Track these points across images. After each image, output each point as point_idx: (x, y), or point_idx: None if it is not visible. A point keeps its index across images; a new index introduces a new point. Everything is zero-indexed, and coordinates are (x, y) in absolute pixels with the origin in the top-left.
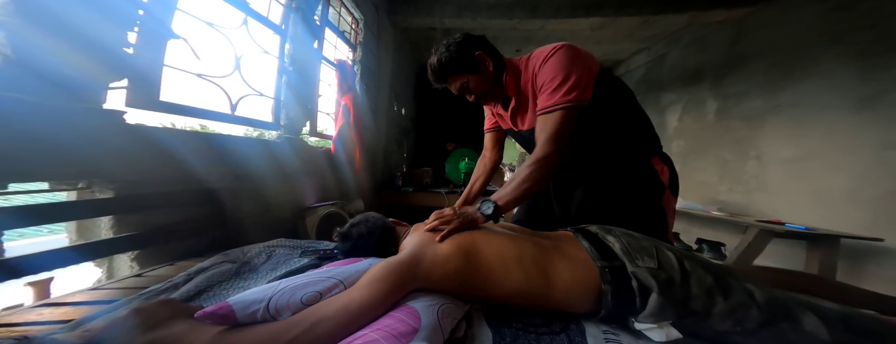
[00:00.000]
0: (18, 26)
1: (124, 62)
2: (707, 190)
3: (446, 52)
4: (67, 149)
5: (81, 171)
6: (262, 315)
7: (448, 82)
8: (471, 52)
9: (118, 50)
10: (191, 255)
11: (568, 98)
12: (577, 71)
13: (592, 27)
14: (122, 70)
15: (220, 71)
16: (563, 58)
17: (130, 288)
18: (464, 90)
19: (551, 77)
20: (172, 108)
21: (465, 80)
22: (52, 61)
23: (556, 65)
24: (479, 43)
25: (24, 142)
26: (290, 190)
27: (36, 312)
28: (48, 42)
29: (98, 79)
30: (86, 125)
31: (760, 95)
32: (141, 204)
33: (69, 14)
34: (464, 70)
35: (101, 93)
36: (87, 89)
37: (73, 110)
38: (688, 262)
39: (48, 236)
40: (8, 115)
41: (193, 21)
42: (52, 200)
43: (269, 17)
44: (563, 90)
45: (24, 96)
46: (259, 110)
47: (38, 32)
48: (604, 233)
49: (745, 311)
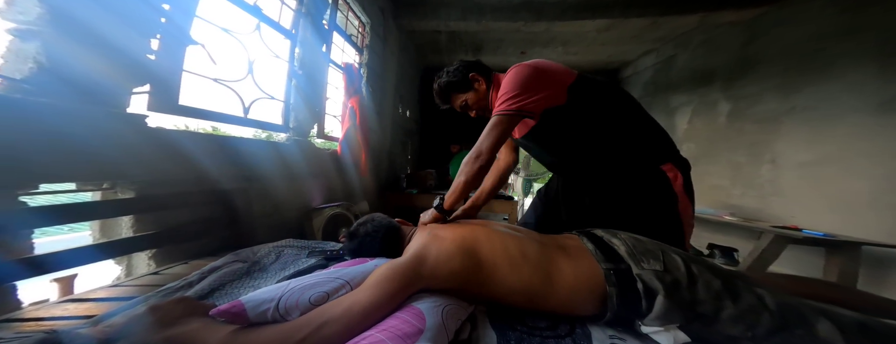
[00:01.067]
0: (52, 36)
1: (147, 68)
2: (719, 194)
3: (445, 77)
4: (94, 151)
5: (106, 172)
6: (272, 314)
7: (451, 102)
8: (465, 75)
9: (141, 57)
10: (204, 254)
11: (510, 107)
12: (525, 87)
13: (598, 29)
14: (144, 76)
15: (234, 75)
16: (514, 75)
17: (148, 285)
18: (464, 107)
19: (501, 92)
20: (191, 112)
21: (463, 98)
22: (81, 68)
23: (508, 82)
24: (472, 66)
25: (55, 144)
26: (298, 191)
27: (61, 308)
28: (78, 50)
29: (123, 84)
30: (111, 128)
31: (775, 97)
32: (159, 204)
33: (97, 23)
34: (460, 90)
35: (125, 98)
36: (112, 94)
37: (100, 114)
38: (695, 265)
39: (68, 234)
40: (40, 118)
41: (210, 27)
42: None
43: (281, 22)
44: (508, 102)
45: (55, 101)
46: (270, 113)
47: (69, 41)
48: (609, 236)
49: (756, 315)
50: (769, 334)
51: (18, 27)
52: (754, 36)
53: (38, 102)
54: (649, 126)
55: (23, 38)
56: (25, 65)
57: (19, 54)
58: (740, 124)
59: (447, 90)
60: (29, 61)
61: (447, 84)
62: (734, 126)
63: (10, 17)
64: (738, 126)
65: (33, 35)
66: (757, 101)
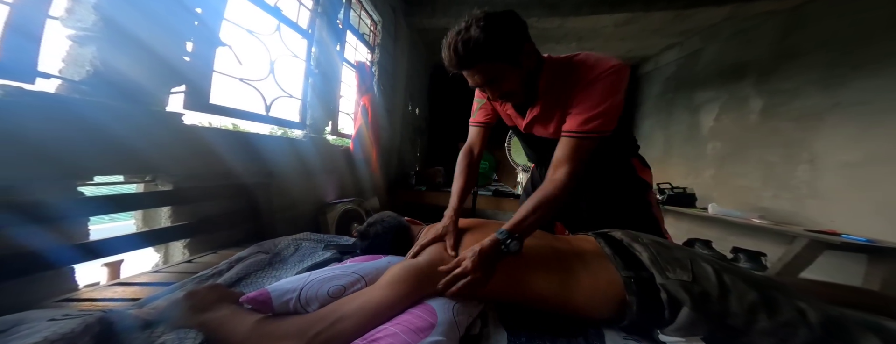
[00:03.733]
0: (105, 41)
1: (182, 69)
2: (748, 196)
3: (483, 33)
4: (138, 146)
5: (148, 166)
6: (294, 304)
7: (474, 68)
8: (519, 40)
9: (178, 58)
10: (230, 244)
11: (601, 129)
12: (618, 102)
13: (617, 23)
14: (180, 76)
15: (257, 75)
16: (612, 84)
17: (183, 272)
18: (491, 83)
19: (595, 102)
20: (220, 110)
21: (500, 71)
22: (127, 70)
23: (604, 90)
24: (525, 31)
25: (106, 140)
26: (313, 186)
27: (111, 290)
28: (125, 54)
29: (162, 85)
30: (152, 126)
31: (817, 92)
32: (193, 196)
33: (140, 28)
34: (504, 59)
35: (164, 97)
36: (154, 94)
37: (143, 113)
38: (728, 275)
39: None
40: (94, 117)
41: (235, 29)
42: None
43: (299, 22)
44: (601, 120)
45: (106, 101)
46: (288, 111)
47: (118, 46)
48: (630, 240)
49: (793, 330)
50: None
51: (77, 33)
52: (794, 26)
53: (93, 102)
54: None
55: (81, 44)
56: (83, 68)
57: (78, 58)
58: (775, 122)
59: (484, 52)
60: (86, 65)
61: (488, 44)
62: (767, 124)
63: (69, 24)
64: (772, 124)
65: (90, 40)
66: (794, 97)
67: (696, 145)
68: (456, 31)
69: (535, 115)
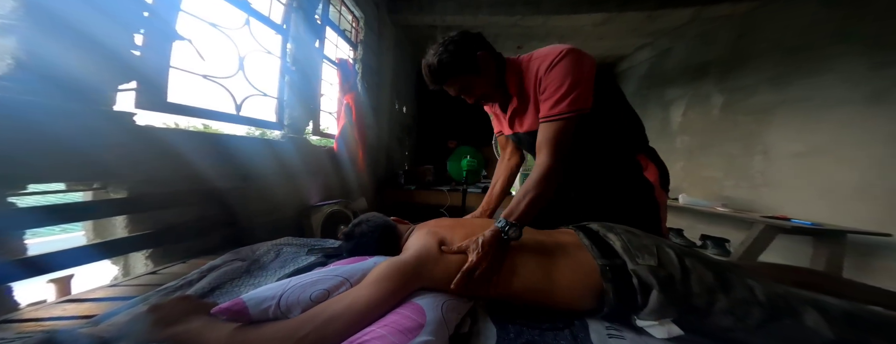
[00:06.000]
0: (28, 30)
1: (132, 64)
2: (712, 185)
3: (445, 53)
4: (81, 150)
5: (96, 171)
6: (274, 312)
7: (447, 84)
8: (472, 53)
9: (125, 52)
10: (202, 253)
11: (572, 108)
12: (583, 79)
13: (595, 23)
14: (130, 72)
15: (224, 72)
16: (569, 65)
17: (147, 285)
18: (464, 92)
19: (557, 85)
20: (180, 110)
21: (465, 81)
22: (62, 64)
23: (562, 72)
24: (479, 42)
25: (41, 143)
26: (295, 189)
27: (60, 308)
28: (57, 45)
29: (107, 81)
30: (98, 127)
31: (768, 90)
32: (153, 204)
33: (75, 17)
34: (465, 72)
35: (110, 95)
36: (97, 92)
37: (85, 112)
38: (688, 259)
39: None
40: (23, 116)
41: (197, 22)
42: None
43: (271, 16)
44: (568, 100)
45: (38, 99)
46: (263, 110)
47: (46, 36)
48: (605, 230)
49: (747, 307)
50: (759, 325)
51: None
52: (747, 29)
53: (20, 100)
54: (630, 117)
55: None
56: (2, 61)
57: None
58: (733, 117)
59: (446, 70)
60: (6, 57)
61: (448, 63)
62: (728, 118)
63: None
64: (732, 118)
65: (8, 30)
66: (750, 94)
67: (667, 139)
68: (424, 59)
69: (513, 109)
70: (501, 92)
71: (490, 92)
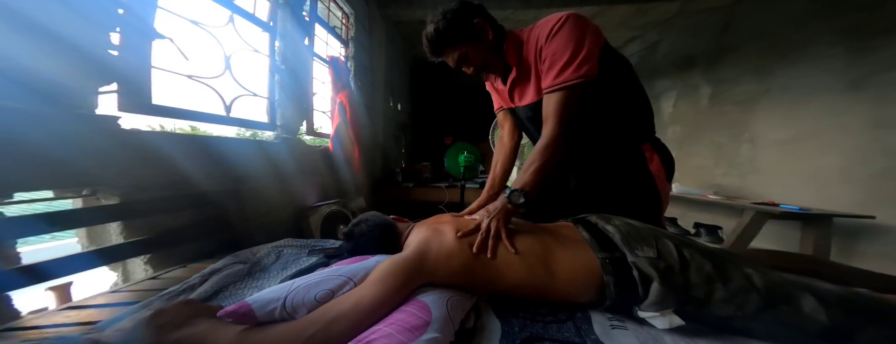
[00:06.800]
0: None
1: (110, 65)
2: (703, 174)
3: (443, 21)
4: (65, 156)
5: (83, 178)
6: (280, 313)
7: (445, 54)
8: (469, 20)
9: (102, 52)
10: (201, 257)
11: (577, 74)
12: (586, 44)
13: None
14: (109, 73)
15: (210, 71)
16: (571, 30)
17: (148, 290)
18: (462, 61)
19: (559, 51)
20: (166, 112)
21: (463, 50)
22: (35, 66)
23: (565, 38)
24: (477, 10)
25: (20, 150)
26: (291, 190)
27: (62, 315)
28: (28, 46)
29: (85, 83)
30: (80, 132)
31: (753, 79)
32: (146, 209)
33: (44, 15)
34: (462, 40)
35: (91, 98)
36: (76, 95)
37: (66, 117)
38: (686, 250)
39: (51, 243)
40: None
41: (177, 20)
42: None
43: (256, 13)
44: (572, 67)
45: (11, 103)
46: (254, 111)
47: (17, 36)
48: (603, 223)
49: (745, 296)
50: (757, 313)
51: None
52: (732, 21)
53: None
54: (641, 103)
55: None
56: None
57: None
58: (721, 106)
59: (444, 38)
60: None
61: (445, 30)
62: (715, 108)
63: None
64: (719, 108)
65: None
66: (736, 84)
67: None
68: (424, 31)
69: (513, 80)
70: (500, 61)
71: (489, 61)
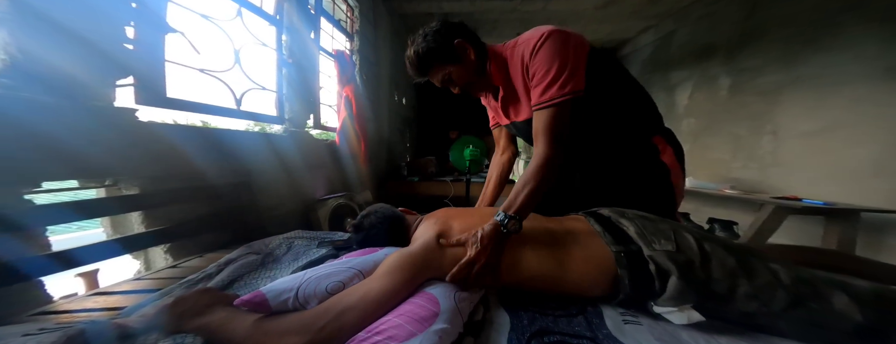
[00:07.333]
0: (19, 25)
1: (126, 58)
2: (719, 168)
3: (423, 43)
4: (85, 147)
5: (104, 168)
6: (293, 303)
7: (429, 75)
8: (450, 41)
9: (118, 46)
10: (217, 247)
11: (563, 92)
12: (570, 60)
13: (596, 6)
14: (125, 67)
15: (220, 65)
16: (553, 47)
17: (168, 278)
18: (447, 82)
19: (544, 70)
20: (181, 105)
21: (446, 71)
22: (56, 60)
23: (547, 55)
24: (457, 30)
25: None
26: (300, 183)
27: (91, 300)
28: (47, 40)
29: (104, 77)
30: (100, 124)
31: (778, 68)
32: (165, 199)
33: (63, 11)
34: (444, 60)
35: (108, 91)
36: (95, 87)
37: (86, 109)
38: (708, 243)
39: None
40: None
41: (187, 14)
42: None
43: (263, 7)
44: (558, 84)
45: (36, 96)
46: (263, 104)
47: (38, 31)
48: (617, 216)
49: (772, 292)
50: (785, 310)
51: None
52: (756, 8)
53: (18, 98)
54: (640, 98)
55: None
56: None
57: None
58: (741, 97)
59: (426, 60)
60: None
61: (426, 52)
62: (735, 99)
63: None
64: (740, 99)
65: None
66: (759, 74)
67: (673, 123)
68: (405, 53)
69: (502, 97)
70: (485, 81)
71: (473, 81)
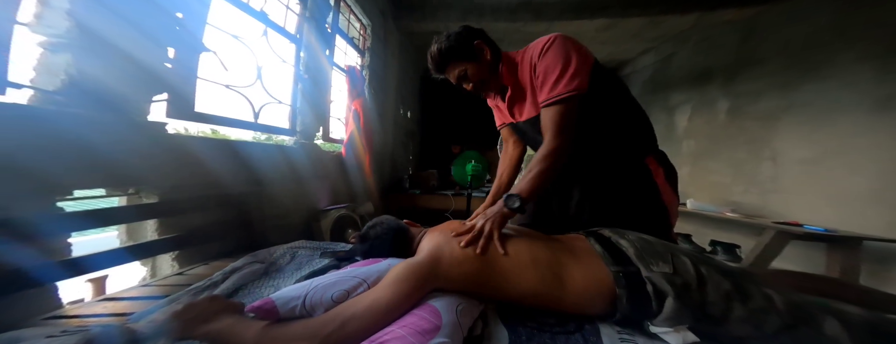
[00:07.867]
0: (80, 48)
1: (165, 76)
2: (720, 191)
3: (446, 41)
4: (119, 158)
5: (131, 178)
6: (300, 310)
7: (447, 71)
8: (470, 41)
9: (159, 65)
10: (222, 255)
11: (569, 88)
12: (574, 60)
13: (598, 29)
14: (162, 84)
15: (244, 81)
16: (560, 48)
17: (175, 285)
18: (462, 79)
19: (551, 68)
20: (206, 118)
21: (463, 68)
22: (106, 79)
23: (555, 55)
24: (477, 33)
25: (84, 152)
26: (305, 194)
27: (100, 306)
28: (103, 61)
29: (143, 93)
30: (134, 136)
31: (775, 95)
32: (179, 208)
33: (118, 34)
34: (462, 58)
35: (145, 106)
36: (134, 103)
37: (124, 123)
38: (704, 267)
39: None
40: (71, 128)
41: (220, 34)
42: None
43: (286, 26)
44: (564, 80)
45: (83, 111)
46: (277, 117)
47: (94, 53)
48: (617, 237)
49: (764, 316)
50: (777, 334)
51: (49, 40)
52: (751, 34)
53: (69, 113)
54: (638, 118)
55: (53, 51)
56: (57, 77)
57: (50, 67)
58: (740, 121)
59: (447, 56)
60: (60, 73)
61: (447, 49)
62: (734, 123)
63: (39, 30)
64: (738, 123)
65: (63, 47)
66: (756, 99)
67: (672, 144)
68: (429, 50)
69: (510, 97)
70: (496, 80)
71: (486, 79)
